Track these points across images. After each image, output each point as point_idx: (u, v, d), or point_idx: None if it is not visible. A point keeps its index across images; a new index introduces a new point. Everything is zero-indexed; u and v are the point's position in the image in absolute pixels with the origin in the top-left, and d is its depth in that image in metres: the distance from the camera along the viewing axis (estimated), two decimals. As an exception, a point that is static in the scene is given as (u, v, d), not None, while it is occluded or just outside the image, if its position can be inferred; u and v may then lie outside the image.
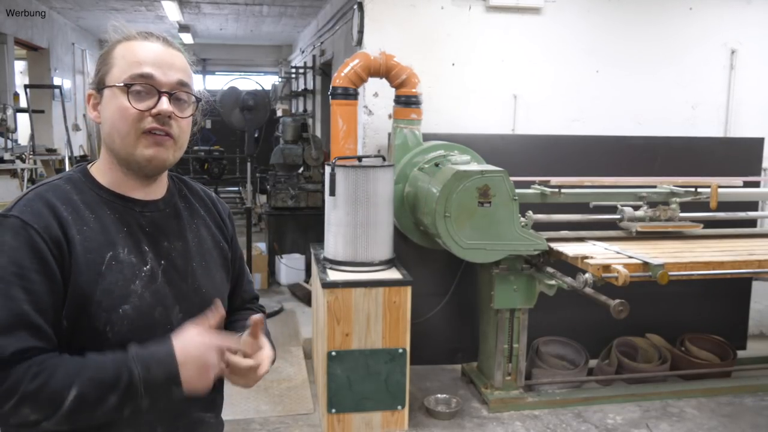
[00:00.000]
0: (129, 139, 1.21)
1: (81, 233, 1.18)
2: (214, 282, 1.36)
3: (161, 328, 1.23)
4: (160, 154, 1.23)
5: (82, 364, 1.12)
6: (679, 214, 3.78)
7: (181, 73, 1.25)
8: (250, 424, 3.56)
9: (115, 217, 1.24)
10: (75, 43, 10.75)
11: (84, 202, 1.22)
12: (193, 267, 1.31)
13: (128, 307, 1.19)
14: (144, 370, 1.12)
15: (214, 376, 1.17)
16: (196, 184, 1.47)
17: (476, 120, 4.45)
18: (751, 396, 3.97)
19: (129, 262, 1.22)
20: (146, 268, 1.23)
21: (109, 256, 1.19)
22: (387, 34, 4.29)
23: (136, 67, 1.21)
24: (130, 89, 1.20)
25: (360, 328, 3.36)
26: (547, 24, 4.50)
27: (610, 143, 4.43)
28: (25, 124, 7.87)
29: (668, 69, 4.68)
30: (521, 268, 3.66)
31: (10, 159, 6.33)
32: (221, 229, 1.44)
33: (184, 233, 1.33)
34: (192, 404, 1.28)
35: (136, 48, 1.23)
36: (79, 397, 1.09)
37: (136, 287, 1.21)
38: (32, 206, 1.17)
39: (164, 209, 1.32)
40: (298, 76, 10.64)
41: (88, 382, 1.10)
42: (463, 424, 3.61)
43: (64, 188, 1.23)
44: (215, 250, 1.39)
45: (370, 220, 3.44)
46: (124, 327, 1.18)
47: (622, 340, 4.25)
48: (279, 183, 6.67)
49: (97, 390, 1.10)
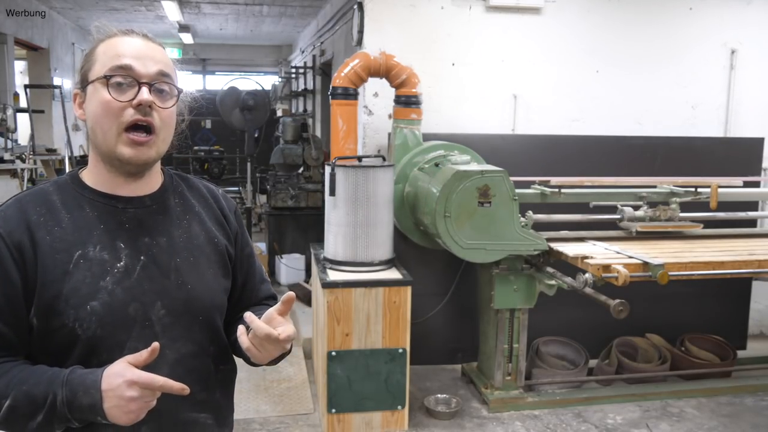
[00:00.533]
0: (111, 134, 1.22)
1: (51, 234, 1.21)
2: (204, 278, 1.34)
3: (139, 324, 1.24)
4: (141, 154, 1.24)
5: (25, 377, 1.16)
6: (679, 214, 3.78)
7: (161, 64, 1.25)
8: (250, 424, 3.56)
9: (94, 215, 1.26)
10: (75, 43, 10.76)
11: (62, 203, 1.26)
12: (177, 263, 1.30)
13: (96, 303, 1.20)
14: (70, 394, 1.13)
15: (138, 411, 1.14)
16: (200, 181, 1.47)
17: (476, 120, 4.45)
18: (751, 396, 3.97)
19: (99, 259, 1.23)
20: (119, 265, 1.24)
21: (77, 254, 1.21)
22: (387, 34, 4.29)
23: (115, 60, 1.22)
24: (110, 81, 1.21)
25: (360, 328, 3.36)
26: (547, 24, 4.50)
27: (610, 143, 4.43)
28: (25, 124, 7.87)
29: (668, 69, 4.68)
30: (521, 268, 3.66)
31: (10, 159, 6.33)
32: (221, 225, 1.42)
33: (170, 229, 1.32)
34: (179, 404, 1.26)
35: (116, 43, 1.26)
36: (11, 408, 1.13)
37: (106, 284, 1.21)
38: (6, 212, 1.23)
39: (150, 205, 1.32)
40: (298, 76, 10.64)
41: (22, 396, 1.14)
42: (463, 424, 3.61)
43: (46, 191, 1.28)
44: (208, 246, 1.37)
45: (370, 220, 3.44)
46: (93, 323, 1.19)
47: (622, 340, 4.25)
48: (279, 183, 6.67)
49: (28, 406, 1.13)
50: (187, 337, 1.30)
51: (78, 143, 10.13)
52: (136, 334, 1.23)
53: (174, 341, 1.28)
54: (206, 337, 1.35)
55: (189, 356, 1.30)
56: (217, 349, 1.38)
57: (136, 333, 1.23)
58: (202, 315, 1.33)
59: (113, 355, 1.20)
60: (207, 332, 1.35)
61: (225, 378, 1.41)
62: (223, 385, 1.40)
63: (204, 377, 1.34)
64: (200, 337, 1.33)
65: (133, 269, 1.25)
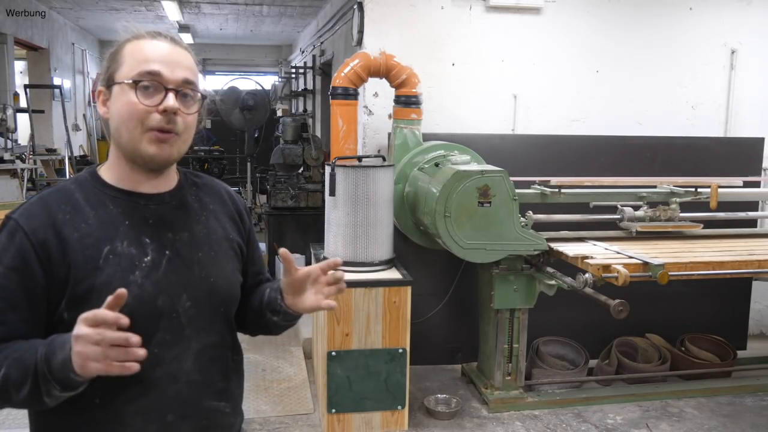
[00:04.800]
0: (135, 134, 1.25)
1: (78, 230, 1.24)
2: (224, 271, 1.39)
3: (166, 315, 1.28)
4: (164, 151, 1.27)
5: (20, 347, 1.17)
6: (679, 214, 3.78)
7: (187, 71, 1.29)
8: (250, 424, 3.56)
9: (118, 211, 1.29)
10: (75, 43, 10.76)
11: (86, 200, 1.28)
12: (199, 256, 1.35)
13: (128, 297, 1.20)
14: (49, 350, 1.12)
15: (88, 353, 1.07)
16: (212, 180, 1.51)
17: (476, 120, 4.45)
18: (751, 396, 3.96)
19: (127, 254, 1.26)
20: (147, 259, 1.27)
21: (106, 250, 1.24)
22: (387, 34, 4.29)
23: (144, 65, 1.25)
24: (138, 85, 1.24)
25: (360, 328, 3.36)
26: (547, 24, 4.50)
27: (610, 143, 4.43)
28: (25, 124, 7.87)
29: (668, 69, 4.68)
30: (521, 268, 3.66)
31: (10, 159, 6.32)
32: (235, 222, 1.47)
33: (191, 224, 1.37)
34: (202, 392, 1.33)
35: (144, 46, 1.28)
36: (5, 376, 1.14)
37: (135, 277, 1.25)
38: (30, 210, 1.26)
39: (170, 201, 1.36)
40: (298, 76, 10.63)
41: (13, 363, 1.15)
42: (463, 424, 3.61)
43: (68, 189, 1.30)
44: (225, 242, 1.42)
45: (370, 220, 3.44)
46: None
47: (622, 340, 4.25)
48: (279, 183, 6.67)
49: (18, 371, 1.14)
50: (210, 328, 1.35)
51: (78, 143, 10.15)
52: (164, 325, 1.27)
53: (198, 332, 1.32)
54: (226, 328, 1.40)
55: (211, 347, 1.35)
56: (232, 341, 1.44)
57: (164, 324, 1.27)
58: (224, 306, 1.39)
59: (143, 346, 1.19)
60: (226, 323, 1.41)
61: (237, 368, 1.46)
62: (236, 373, 1.45)
63: (224, 367, 1.40)
64: (221, 328, 1.38)
65: (159, 263, 1.28)
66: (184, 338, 1.30)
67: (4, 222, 1.25)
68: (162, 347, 1.27)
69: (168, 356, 1.28)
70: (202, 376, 1.33)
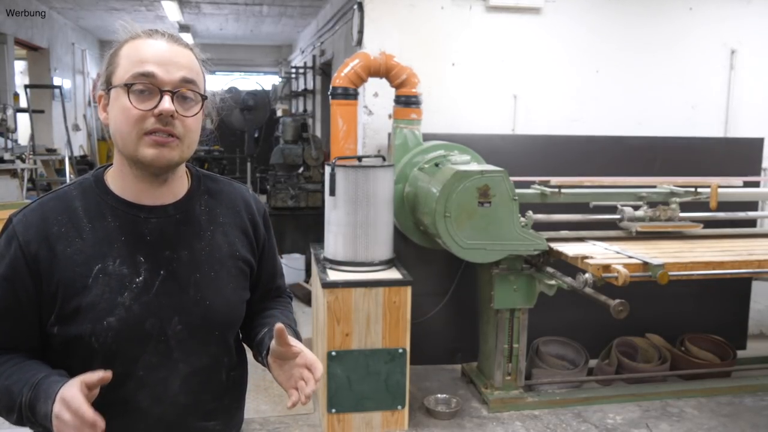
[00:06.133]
0: (131, 139, 1.18)
1: (71, 245, 1.21)
2: (223, 293, 1.31)
3: (155, 339, 1.23)
4: (163, 155, 1.19)
5: (12, 371, 1.18)
6: (679, 214, 3.78)
7: (185, 70, 1.21)
8: (250, 424, 3.56)
9: (116, 225, 1.24)
10: (75, 43, 10.76)
11: (85, 210, 1.24)
12: (197, 277, 1.28)
13: (113, 319, 1.19)
14: (33, 398, 1.12)
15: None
16: (231, 186, 1.42)
17: (476, 120, 4.45)
18: (750, 396, 3.97)
19: (118, 274, 1.21)
20: (138, 280, 1.22)
21: (97, 268, 1.20)
22: (387, 34, 4.29)
23: (138, 66, 1.18)
24: (131, 89, 1.17)
25: (360, 328, 3.36)
26: (547, 24, 4.50)
27: (610, 143, 4.43)
28: (25, 124, 7.87)
29: (668, 69, 4.68)
30: (521, 268, 3.66)
31: (10, 159, 6.32)
32: (247, 235, 1.39)
33: (192, 241, 1.29)
34: (189, 413, 1.30)
35: (139, 46, 1.21)
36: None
37: (124, 299, 1.20)
38: (28, 218, 1.22)
39: (174, 215, 1.28)
40: (298, 76, 10.64)
41: (4, 390, 1.16)
42: (463, 424, 3.61)
43: (70, 195, 1.26)
44: (230, 260, 1.34)
45: (370, 220, 3.44)
46: (108, 338, 1.19)
47: (622, 340, 4.25)
48: (279, 183, 6.67)
49: (8, 400, 1.16)
50: (202, 351, 1.30)
51: (78, 143, 10.15)
52: (150, 349, 1.23)
53: (188, 355, 1.27)
54: (221, 350, 1.35)
55: (202, 370, 1.30)
56: (229, 360, 1.38)
57: (151, 347, 1.23)
58: (219, 330, 1.32)
59: (128, 368, 1.21)
60: (222, 346, 1.35)
61: (235, 382, 1.41)
62: (232, 389, 1.40)
63: (215, 388, 1.35)
64: (215, 351, 1.33)
65: (152, 284, 1.23)
66: (172, 361, 1.25)
67: (6, 224, 1.23)
68: (147, 370, 1.23)
69: (153, 379, 1.24)
70: (189, 398, 1.29)
